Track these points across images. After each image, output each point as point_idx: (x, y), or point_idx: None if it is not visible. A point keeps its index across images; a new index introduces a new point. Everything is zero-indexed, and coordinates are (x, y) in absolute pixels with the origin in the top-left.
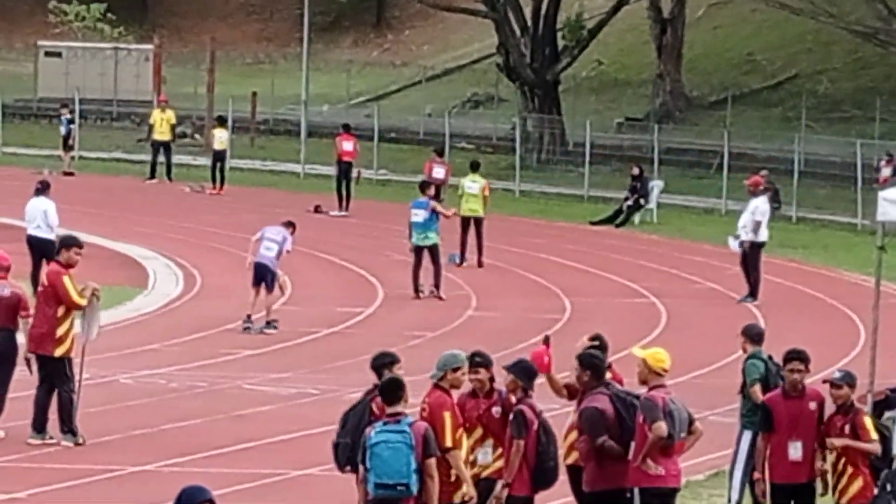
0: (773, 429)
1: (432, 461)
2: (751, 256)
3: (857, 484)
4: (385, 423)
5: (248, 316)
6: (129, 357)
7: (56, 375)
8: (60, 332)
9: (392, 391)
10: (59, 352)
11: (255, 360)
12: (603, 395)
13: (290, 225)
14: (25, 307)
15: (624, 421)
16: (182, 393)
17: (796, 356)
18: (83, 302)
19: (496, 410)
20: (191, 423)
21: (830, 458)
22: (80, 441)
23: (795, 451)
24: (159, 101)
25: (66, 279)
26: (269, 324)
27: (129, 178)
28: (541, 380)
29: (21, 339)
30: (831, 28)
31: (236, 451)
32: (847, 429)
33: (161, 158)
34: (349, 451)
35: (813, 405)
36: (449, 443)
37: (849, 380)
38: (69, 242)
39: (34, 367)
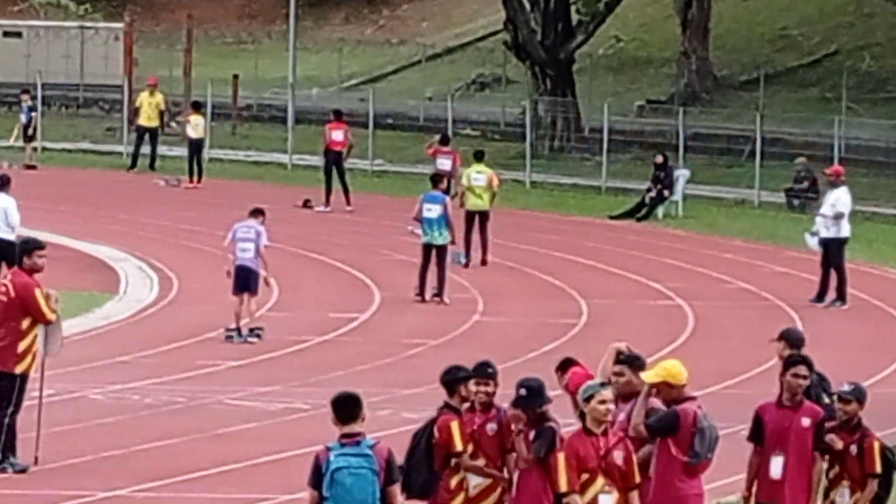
0: (762, 441)
1: (396, 488)
2: (833, 254)
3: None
4: (343, 446)
5: (237, 328)
6: (98, 370)
7: (6, 394)
8: (23, 346)
9: (348, 407)
10: (19, 368)
11: (239, 373)
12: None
13: (258, 213)
14: None
15: None
16: (157, 409)
17: (801, 360)
18: (53, 317)
19: (491, 428)
20: (167, 443)
21: (823, 465)
22: (20, 469)
23: (776, 467)
24: (148, 84)
25: (37, 293)
26: (253, 331)
27: (98, 171)
28: (554, 392)
29: None
30: None
31: (218, 474)
32: (853, 449)
33: (146, 148)
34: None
35: (807, 421)
36: (563, 487)
37: (858, 395)
38: (30, 247)
39: None
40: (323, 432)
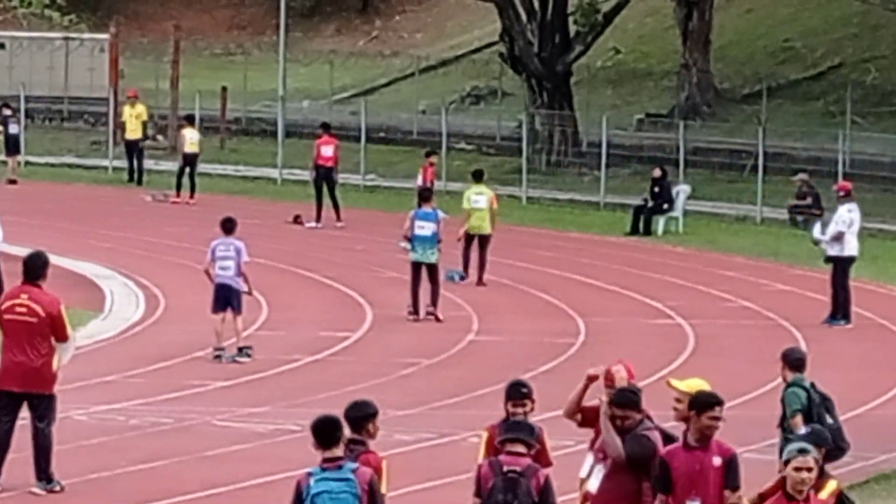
0: (669, 489)
1: None
2: (836, 273)
3: None
4: (324, 470)
5: (222, 347)
6: (83, 390)
7: (49, 414)
8: (55, 365)
9: (328, 432)
10: (55, 388)
11: (227, 393)
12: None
13: (231, 227)
14: None
15: None
16: (144, 431)
17: (718, 402)
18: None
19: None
20: (154, 466)
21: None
22: (58, 488)
23: None
24: (128, 96)
25: (64, 309)
26: (241, 351)
27: (83, 186)
28: (552, 413)
29: None
30: (880, 11)
31: (205, 497)
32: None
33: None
34: None
35: (718, 461)
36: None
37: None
38: (47, 259)
39: None
40: (313, 454)
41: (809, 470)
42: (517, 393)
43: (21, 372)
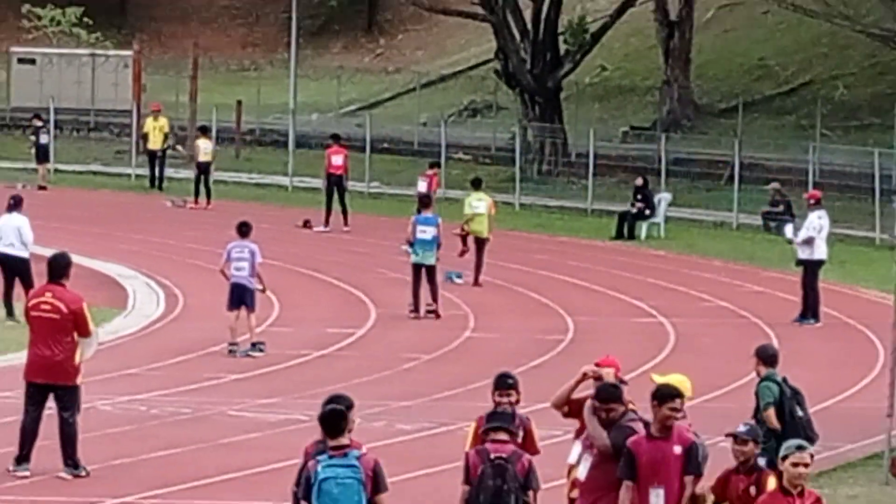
0: (634, 477)
1: (384, 497)
2: (806, 275)
3: None
4: (331, 457)
5: (236, 342)
6: (107, 382)
7: (72, 404)
8: (77, 358)
9: (334, 422)
10: (78, 380)
11: (241, 385)
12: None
13: (247, 230)
14: None
15: None
16: (164, 420)
17: (677, 394)
18: (94, 328)
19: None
20: (173, 452)
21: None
22: (84, 473)
23: (657, 498)
24: (152, 110)
25: (85, 307)
26: (255, 346)
27: (108, 192)
28: (543, 405)
29: None
30: (848, 31)
31: (221, 482)
32: (752, 491)
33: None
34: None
35: (678, 449)
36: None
37: (754, 435)
38: (69, 260)
39: None
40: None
41: (806, 465)
42: (503, 383)
43: (46, 365)
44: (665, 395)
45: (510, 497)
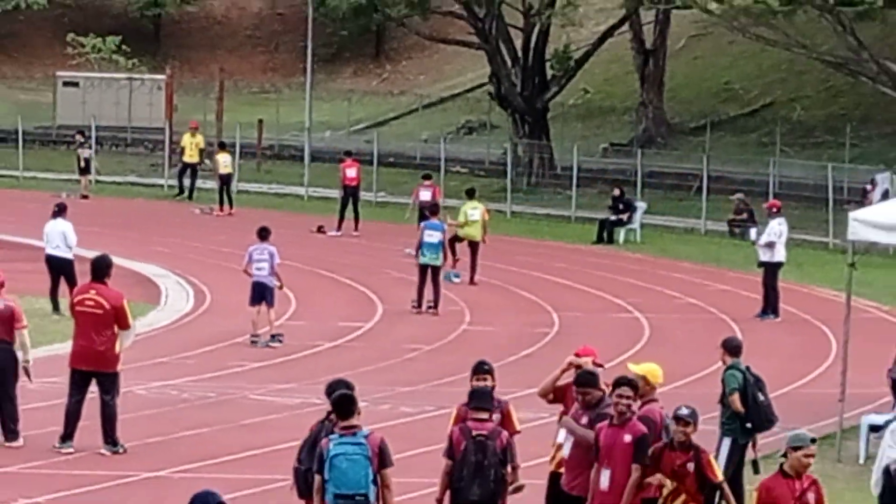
0: (597, 458)
1: (389, 471)
2: (766, 275)
3: None
4: (341, 436)
5: (258, 334)
6: (143, 369)
7: (113, 389)
8: (117, 348)
9: (345, 406)
10: (118, 367)
11: (261, 372)
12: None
13: (266, 234)
14: (19, 319)
15: None
16: (193, 403)
17: (625, 382)
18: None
19: (496, 418)
20: (201, 432)
21: (668, 487)
22: (122, 450)
23: (604, 479)
24: (190, 127)
25: (126, 303)
26: (274, 337)
27: (143, 201)
28: (532, 390)
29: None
30: (804, 58)
31: (244, 458)
32: (691, 466)
33: (187, 180)
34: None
35: (628, 437)
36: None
37: (694, 418)
38: (111, 261)
39: (33, 376)
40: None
41: (813, 456)
42: (480, 369)
43: (89, 354)
44: (616, 383)
45: (490, 471)
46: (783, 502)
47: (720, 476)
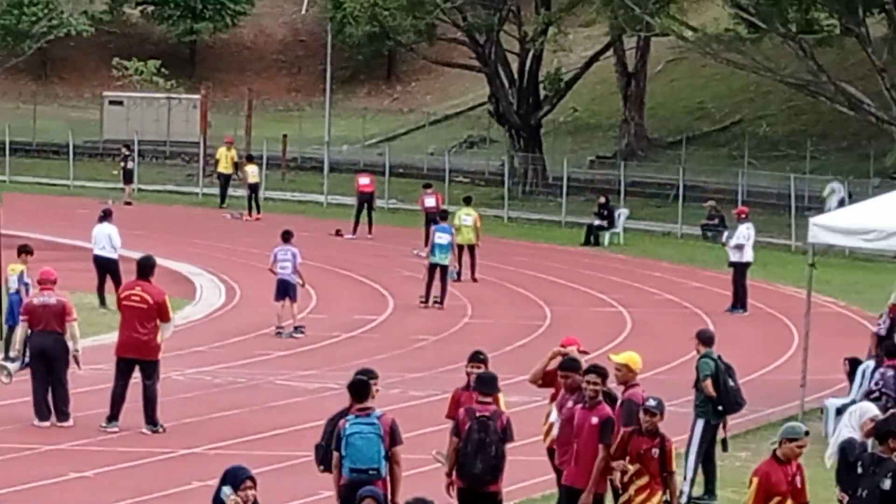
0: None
1: (399, 449)
2: (736, 274)
3: (650, 498)
4: (357, 417)
5: (282, 326)
6: (180, 358)
7: (154, 375)
8: (159, 339)
9: (361, 390)
10: (160, 356)
11: (286, 360)
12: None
13: (289, 236)
14: (70, 312)
15: None
16: (224, 387)
17: (593, 370)
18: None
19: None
20: (232, 413)
21: (630, 469)
22: (161, 429)
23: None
24: (225, 141)
25: (168, 298)
26: (297, 329)
27: (180, 207)
28: (524, 376)
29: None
30: (769, 80)
31: (270, 437)
32: (655, 452)
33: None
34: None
35: (595, 420)
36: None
37: (661, 408)
38: (154, 261)
39: (82, 363)
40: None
41: (804, 447)
42: (476, 358)
43: (133, 344)
44: (586, 371)
45: (491, 447)
46: (780, 485)
47: (675, 467)
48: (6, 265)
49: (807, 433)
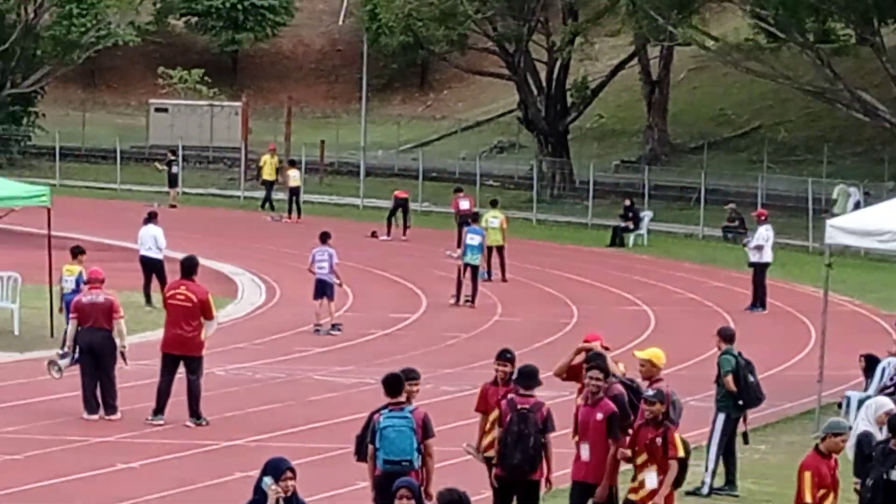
0: (576, 434)
1: (431, 441)
2: (755, 274)
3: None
4: (391, 411)
5: (320, 324)
6: (222, 354)
7: (198, 370)
8: (203, 336)
9: (395, 385)
10: (203, 352)
11: (324, 356)
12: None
13: (327, 237)
14: (117, 310)
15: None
16: (265, 383)
17: (595, 366)
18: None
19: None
20: (272, 407)
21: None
22: (204, 423)
23: (584, 452)
24: (269, 149)
25: (211, 297)
26: (334, 327)
27: (222, 210)
28: (547, 372)
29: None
30: (788, 88)
31: (308, 430)
32: (659, 441)
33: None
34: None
35: (600, 415)
36: (808, 499)
37: (660, 397)
38: (197, 261)
39: (129, 359)
40: (385, 400)
41: (847, 441)
42: (503, 356)
43: (179, 340)
44: (587, 368)
45: (530, 439)
46: (826, 479)
47: (681, 452)
48: (57, 265)
49: (849, 428)
